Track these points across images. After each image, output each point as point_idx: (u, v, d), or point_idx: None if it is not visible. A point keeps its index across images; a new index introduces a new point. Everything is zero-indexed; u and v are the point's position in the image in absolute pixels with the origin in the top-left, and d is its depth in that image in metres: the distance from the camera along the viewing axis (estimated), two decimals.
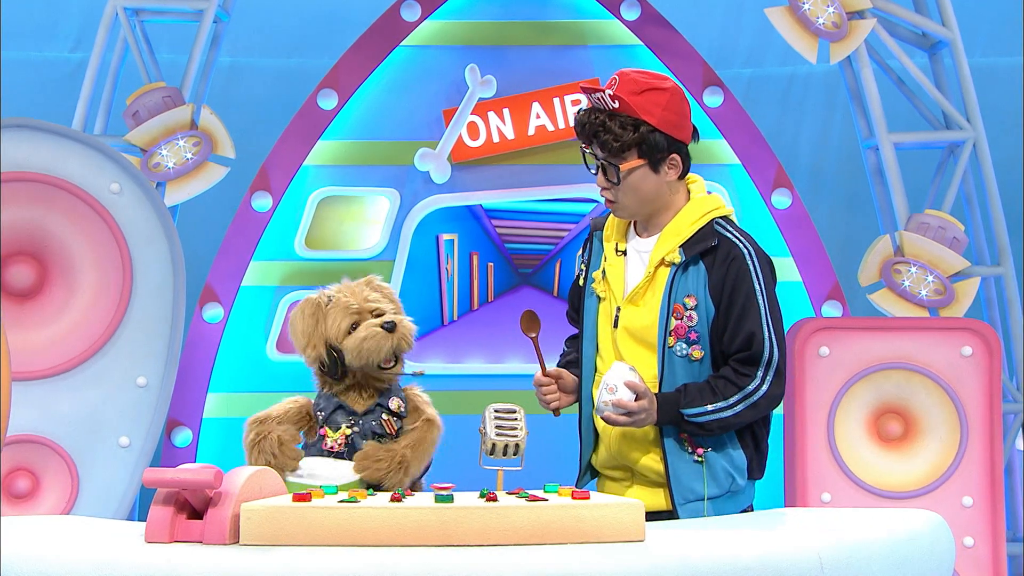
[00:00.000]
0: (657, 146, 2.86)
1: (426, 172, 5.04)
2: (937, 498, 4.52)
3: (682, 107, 2.89)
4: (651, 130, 2.85)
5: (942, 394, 4.61)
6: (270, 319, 4.98)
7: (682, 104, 2.90)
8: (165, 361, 4.49)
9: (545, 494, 2.23)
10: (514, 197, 5.10)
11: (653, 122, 2.85)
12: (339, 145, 5.06)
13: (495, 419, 2.54)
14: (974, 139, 4.98)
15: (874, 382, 4.61)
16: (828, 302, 5.02)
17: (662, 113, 2.86)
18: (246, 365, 4.98)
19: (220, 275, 4.94)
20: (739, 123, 5.07)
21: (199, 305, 4.93)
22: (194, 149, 4.79)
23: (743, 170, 5.07)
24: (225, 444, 4.92)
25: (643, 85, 2.85)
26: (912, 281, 4.89)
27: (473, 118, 5.05)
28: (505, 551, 2.03)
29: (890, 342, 4.62)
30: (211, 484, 2.11)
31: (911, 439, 4.64)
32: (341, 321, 2.84)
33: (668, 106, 2.87)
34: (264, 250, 4.99)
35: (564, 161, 5.09)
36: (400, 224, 5.04)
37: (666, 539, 2.15)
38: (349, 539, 2.08)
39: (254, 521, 2.09)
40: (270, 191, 4.97)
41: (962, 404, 4.60)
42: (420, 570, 1.96)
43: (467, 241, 5.11)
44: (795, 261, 5.03)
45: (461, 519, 2.08)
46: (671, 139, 2.87)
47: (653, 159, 2.87)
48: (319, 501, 2.17)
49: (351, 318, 2.84)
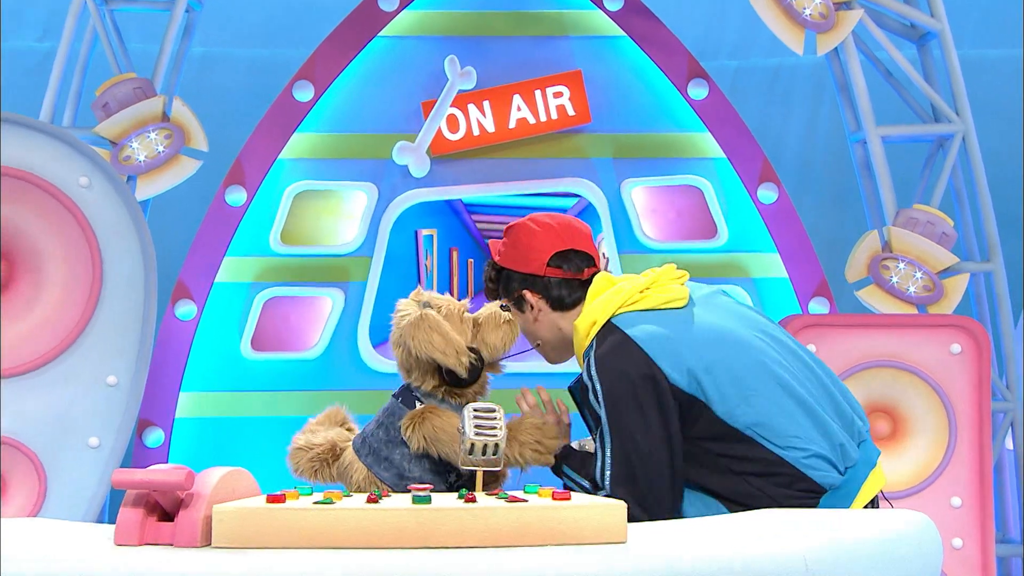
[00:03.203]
0: (508, 287, 2.91)
1: (404, 166, 5.04)
2: (925, 498, 4.54)
3: (527, 239, 2.88)
4: (499, 270, 2.92)
5: (931, 392, 4.63)
6: (244, 316, 4.97)
7: (528, 237, 2.88)
8: (136, 359, 4.47)
9: (525, 495, 2.23)
10: (495, 191, 5.09)
11: (499, 261, 2.91)
12: (315, 138, 5.05)
13: (474, 419, 2.55)
14: (963, 132, 5.00)
15: (862, 380, 4.63)
16: (815, 299, 5.03)
17: (504, 250, 2.92)
18: (220, 364, 4.97)
19: (193, 271, 4.93)
20: (724, 116, 5.08)
21: (171, 302, 4.91)
22: (166, 142, 4.78)
23: (728, 164, 5.08)
24: (198, 444, 4.91)
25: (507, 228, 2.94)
26: (900, 277, 4.91)
27: (453, 110, 5.05)
28: (484, 553, 2.03)
29: (878, 339, 4.63)
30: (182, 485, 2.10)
31: (899, 438, 4.66)
32: (462, 323, 2.85)
33: (509, 242, 2.91)
34: (238, 246, 4.98)
35: (546, 155, 5.09)
36: (378, 219, 5.03)
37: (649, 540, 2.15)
38: (324, 541, 2.08)
39: (226, 523, 2.09)
40: (244, 185, 4.96)
41: (951, 402, 4.62)
42: (397, 572, 1.96)
43: (447, 237, 5.10)
44: (781, 257, 5.05)
45: (439, 520, 2.08)
46: (520, 275, 2.89)
47: (513, 300, 2.92)
48: (293, 502, 2.16)
49: (469, 319, 2.86)
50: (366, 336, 5.00)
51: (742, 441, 2.64)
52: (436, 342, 2.78)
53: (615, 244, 5.06)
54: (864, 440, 2.76)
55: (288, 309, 5.06)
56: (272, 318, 5.02)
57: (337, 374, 4.99)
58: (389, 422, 2.87)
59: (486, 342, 2.85)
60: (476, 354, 2.83)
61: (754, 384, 2.66)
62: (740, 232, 5.10)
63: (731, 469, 2.64)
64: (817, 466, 2.62)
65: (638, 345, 2.66)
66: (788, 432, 2.64)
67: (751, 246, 5.10)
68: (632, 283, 2.81)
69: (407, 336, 2.81)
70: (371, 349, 4.99)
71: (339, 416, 3.10)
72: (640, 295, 2.78)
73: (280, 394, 4.96)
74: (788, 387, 2.68)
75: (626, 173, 5.11)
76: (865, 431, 2.78)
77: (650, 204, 5.17)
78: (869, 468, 2.74)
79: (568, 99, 5.08)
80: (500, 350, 2.86)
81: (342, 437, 2.99)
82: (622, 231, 5.09)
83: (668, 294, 2.78)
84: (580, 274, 2.87)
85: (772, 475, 2.62)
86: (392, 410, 2.89)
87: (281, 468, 3.82)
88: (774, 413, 2.65)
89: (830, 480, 2.64)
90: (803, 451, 2.63)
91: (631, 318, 2.73)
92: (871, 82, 5.06)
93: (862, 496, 2.70)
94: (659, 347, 2.66)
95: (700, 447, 2.66)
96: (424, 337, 2.79)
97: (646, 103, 5.14)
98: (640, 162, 5.12)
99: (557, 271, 2.87)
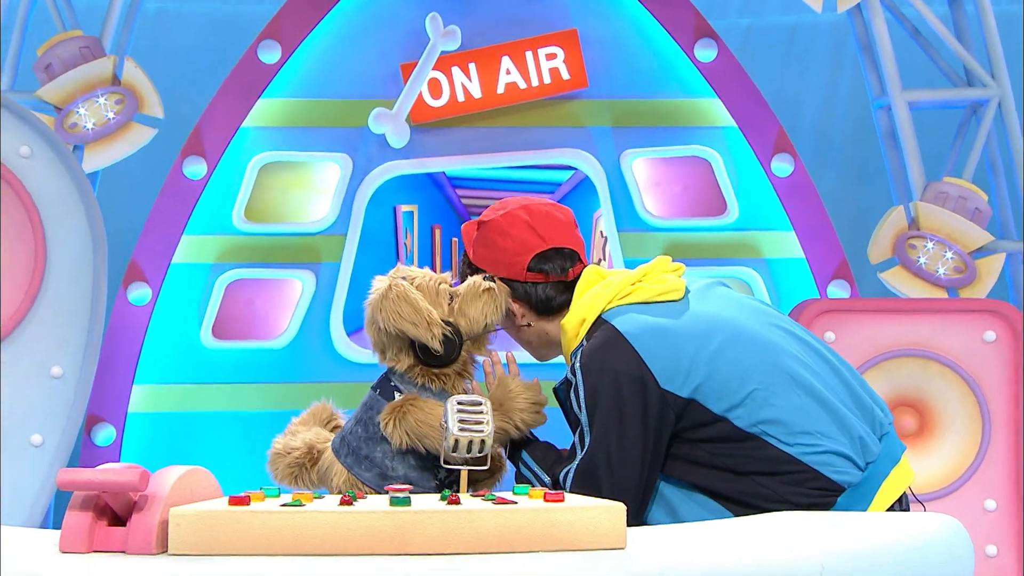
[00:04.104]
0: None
1: (382, 135, 5.03)
2: (956, 501, 4.56)
3: (501, 242, 2.88)
4: (476, 271, 2.92)
5: (962, 384, 4.65)
6: (204, 301, 4.96)
7: (502, 238, 2.88)
8: (84, 349, 4.46)
9: (515, 496, 2.24)
10: (481, 164, 5.09)
11: (475, 261, 2.92)
12: (282, 104, 5.04)
13: (458, 412, 2.55)
14: (999, 97, 5.01)
15: (886, 371, 4.64)
16: (834, 281, 5.04)
17: (475, 251, 2.92)
18: (177, 353, 4.97)
19: (147, 251, 4.92)
20: (735, 80, 5.08)
21: (123, 285, 4.90)
22: (116, 107, 4.76)
23: (739, 133, 5.09)
24: (152, 442, 4.91)
25: (477, 221, 2.93)
26: (929, 258, 4.92)
27: (435, 74, 5.04)
28: (469, 560, 2.04)
29: (904, 326, 4.65)
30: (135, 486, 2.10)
31: (927, 435, 4.68)
32: (438, 296, 2.84)
33: (480, 241, 2.92)
34: (197, 223, 4.97)
35: (538, 123, 5.09)
36: (352, 194, 5.03)
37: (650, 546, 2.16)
38: (293, 547, 2.08)
39: (184, 528, 2.09)
40: (204, 156, 4.95)
41: (984, 396, 4.64)
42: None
43: (428, 213, 5.10)
44: (797, 235, 5.05)
45: (419, 524, 2.08)
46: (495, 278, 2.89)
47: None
48: (259, 504, 2.16)
49: (446, 291, 2.85)
50: (339, 323, 5.00)
51: (747, 440, 2.65)
52: (405, 312, 2.79)
53: (614, 222, 5.06)
54: (887, 433, 2.77)
55: (253, 293, 5.05)
56: (235, 303, 5.02)
57: (307, 365, 4.99)
58: (368, 417, 2.88)
59: (464, 313, 2.84)
60: (452, 328, 2.83)
61: (760, 377, 2.66)
62: (752, 208, 5.11)
63: (734, 469, 2.65)
64: (832, 463, 2.63)
65: (629, 343, 2.67)
66: (800, 428, 2.65)
67: (764, 223, 5.11)
68: (623, 276, 2.82)
69: (375, 309, 2.82)
70: (345, 337, 4.99)
71: (325, 413, 3.09)
72: (632, 288, 2.78)
73: (244, 387, 4.96)
74: (799, 378, 2.68)
75: (626, 143, 5.11)
76: (888, 423, 2.79)
77: (652, 177, 5.17)
78: (892, 463, 2.75)
79: (562, 61, 5.08)
80: (480, 323, 2.85)
81: (320, 438, 2.99)
82: (622, 207, 5.09)
83: (662, 286, 2.78)
84: (564, 276, 2.88)
85: (782, 474, 2.63)
86: (370, 403, 2.90)
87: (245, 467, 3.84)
88: (783, 408, 2.65)
89: (847, 478, 2.65)
90: (816, 447, 2.64)
91: (622, 311, 2.74)
92: (897, 42, 5.06)
93: (885, 493, 2.71)
94: (652, 343, 2.67)
95: (699, 448, 2.67)
96: (392, 308, 2.80)
97: (648, 66, 5.14)
98: (642, 131, 5.12)
99: (539, 276, 2.88)
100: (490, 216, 2.92)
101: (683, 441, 2.68)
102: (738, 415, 2.65)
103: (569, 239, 2.91)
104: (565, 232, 2.91)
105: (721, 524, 2.44)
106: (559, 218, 2.92)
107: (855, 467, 2.66)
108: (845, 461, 2.65)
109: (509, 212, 2.90)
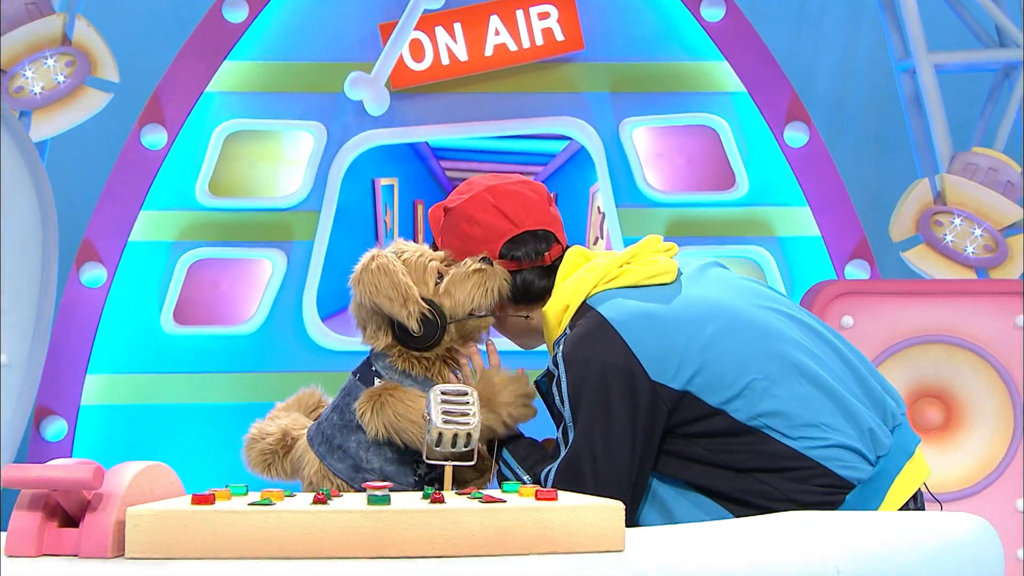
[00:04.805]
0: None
1: (359, 102, 5.03)
2: (984, 500, 4.58)
3: (468, 229, 2.88)
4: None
5: (992, 373, 4.66)
6: (165, 283, 4.96)
7: (469, 225, 2.88)
8: (32, 335, 4.46)
9: (504, 494, 2.24)
10: (468, 133, 5.09)
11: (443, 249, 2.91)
12: (250, 67, 5.03)
13: (442, 403, 2.54)
14: None
15: (908, 359, 4.65)
16: (852, 261, 5.05)
17: (443, 239, 2.92)
18: (135, 340, 4.96)
19: (101, 228, 4.92)
20: (744, 41, 5.08)
21: (75, 265, 4.90)
22: (67, 70, 4.75)
23: (749, 99, 5.09)
24: (108, 437, 4.91)
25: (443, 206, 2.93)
26: (956, 235, 4.92)
27: (417, 34, 5.03)
28: (453, 564, 2.04)
29: (928, 310, 4.65)
30: (89, 483, 2.10)
31: (953, 428, 4.69)
32: (425, 273, 2.84)
33: (447, 228, 2.92)
34: (157, 197, 4.97)
35: (529, 88, 5.09)
36: (327, 166, 5.03)
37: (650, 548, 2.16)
38: (262, 550, 2.08)
39: (143, 528, 2.09)
40: (164, 124, 4.94)
41: (1016, 386, 4.65)
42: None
43: (410, 187, 5.10)
44: (812, 211, 5.06)
45: (400, 525, 2.08)
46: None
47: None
48: (224, 503, 2.16)
49: (434, 269, 2.85)
50: (313, 307, 4.99)
51: (747, 434, 2.65)
52: (382, 285, 2.80)
53: (612, 197, 5.06)
54: (899, 424, 2.77)
55: (218, 274, 5.05)
56: (199, 285, 5.02)
57: (278, 352, 4.99)
58: (344, 403, 2.89)
59: (450, 294, 2.84)
60: (434, 308, 2.83)
61: (759, 365, 2.67)
62: (763, 182, 5.11)
63: (733, 466, 2.65)
64: (840, 457, 2.64)
65: (615, 330, 2.67)
66: (804, 420, 2.65)
67: (776, 198, 5.11)
68: (609, 258, 2.82)
69: (354, 282, 2.84)
70: (319, 322, 4.99)
71: (311, 400, 3.11)
72: (619, 270, 2.78)
73: (208, 376, 4.96)
74: (802, 366, 2.69)
75: (626, 111, 5.11)
76: (900, 414, 2.79)
77: (655, 148, 5.17)
78: (905, 457, 2.75)
79: (556, 21, 5.07)
80: (465, 305, 2.85)
81: (298, 424, 3.00)
82: (621, 181, 5.09)
83: (652, 268, 2.78)
84: (541, 261, 2.88)
85: (785, 470, 2.64)
86: (348, 389, 2.91)
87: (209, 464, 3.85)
88: (785, 398, 2.66)
89: (857, 474, 2.65)
90: (822, 440, 2.64)
91: (609, 296, 2.74)
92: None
93: (897, 490, 2.71)
94: (641, 331, 2.67)
95: (695, 444, 2.67)
96: (370, 280, 2.81)
97: (650, 26, 5.14)
98: (642, 97, 5.12)
99: (512, 264, 2.87)
100: (455, 201, 2.92)
101: (677, 437, 2.68)
102: (736, 407, 2.65)
103: (543, 219, 2.90)
104: (538, 211, 2.90)
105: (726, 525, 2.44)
106: (530, 197, 2.91)
107: (865, 462, 2.66)
108: (854, 455, 2.65)
109: (474, 195, 2.89)
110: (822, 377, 2.69)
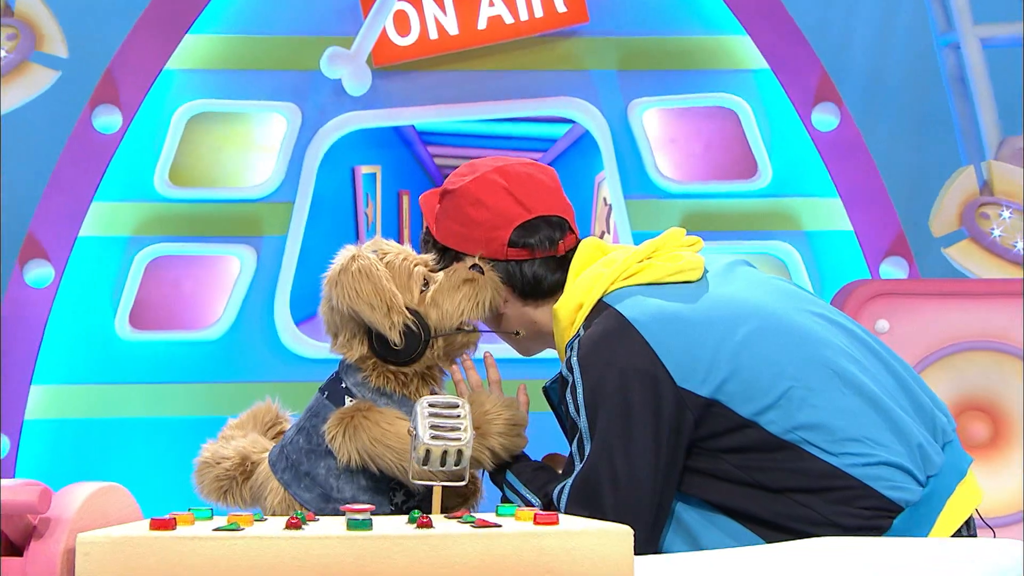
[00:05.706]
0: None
1: (337, 80, 5.03)
2: None
3: (473, 213, 2.87)
4: (443, 250, 2.91)
5: None
6: (120, 283, 4.96)
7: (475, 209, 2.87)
8: None
9: (499, 517, 2.24)
10: (458, 115, 5.10)
11: (439, 238, 2.91)
12: (215, 41, 5.04)
13: (430, 417, 2.54)
14: None
15: (951, 367, 4.65)
16: (889, 258, 5.05)
17: (444, 223, 2.91)
18: (86, 347, 4.97)
19: (48, 221, 4.92)
20: (768, 13, 5.09)
21: (19, 263, 4.90)
22: (8, 44, 4.75)
23: (773, 77, 5.09)
24: (55, 454, 4.91)
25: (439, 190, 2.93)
26: (1004, 229, 4.93)
27: (401, 5, 5.04)
28: None
29: (973, 313, 4.66)
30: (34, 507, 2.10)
31: (1000, 445, 4.69)
32: (410, 279, 2.83)
33: (445, 213, 2.91)
34: (110, 187, 4.97)
35: (528, 66, 5.09)
36: (301, 152, 5.03)
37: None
38: None
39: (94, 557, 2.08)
40: (119, 105, 4.94)
41: None
42: None
43: (394, 175, 5.10)
44: (844, 203, 5.06)
45: (382, 552, 2.08)
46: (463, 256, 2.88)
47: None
48: (187, 528, 2.16)
49: (420, 275, 2.84)
50: (286, 309, 5.00)
51: (782, 449, 2.65)
52: (364, 291, 2.79)
53: (620, 187, 5.07)
54: (950, 442, 2.77)
55: (180, 273, 5.05)
56: (158, 285, 5.02)
57: (246, 360, 5.00)
58: (311, 426, 2.87)
59: (437, 304, 2.83)
60: (418, 319, 2.82)
61: (796, 372, 2.66)
62: (789, 170, 5.12)
63: (766, 486, 2.65)
64: (887, 476, 2.63)
65: (637, 331, 2.66)
66: (847, 434, 2.64)
67: (803, 188, 5.12)
68: (629, 252, 2.81)
69: (331, 283, 2.82)
70: (292, 326, 4.99)
71: (267, 416, 3.09)
72: (640, 266, 2.78)
73: (169, 387, 4.96)
74: (845, 374, 2.69)
75: (636, 91, 5.11)
76: (951, 430, 2.79)
77: (668, 132, 5.17)
78: (958, 478, 2.75)
79: None
80: (453, 318, 2.84)
81: (257, 447, 2.99)
82: (630, 169, 5.09)
83: (676, 264, 2.78)
84: (554, 250, 2.87)
85: (825, 490, 2.63)
86: (316, 409, 2.89)
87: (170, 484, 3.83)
88: (826, 409, 2.65)
89: (906, 495, 2.65)
90: (867, 457, 2.64)
91: (628, 293, 2.74)
92: None
93: (949, 514, 2.71)
94: (666, 332, 2.66)
95: (723, 461, 2.67)
96: (350, 284, 2.79)
97: None
98: (654, 75, 5.13)
99: (523, 252, 2.86)
100: (457, 182, 2.90)
101: (704, 451, 2.67)
102: (770, 419, 2.64)
103: (557, 205, 2.90)
104: (551, 197, 2.90)
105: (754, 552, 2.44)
106: (543, 180, 2.91)
107: (915, 482, 2.66)
108: (903, 474, 2.65)
109: (482, 176, 2.88)
110: (867, 386, 2.69)
